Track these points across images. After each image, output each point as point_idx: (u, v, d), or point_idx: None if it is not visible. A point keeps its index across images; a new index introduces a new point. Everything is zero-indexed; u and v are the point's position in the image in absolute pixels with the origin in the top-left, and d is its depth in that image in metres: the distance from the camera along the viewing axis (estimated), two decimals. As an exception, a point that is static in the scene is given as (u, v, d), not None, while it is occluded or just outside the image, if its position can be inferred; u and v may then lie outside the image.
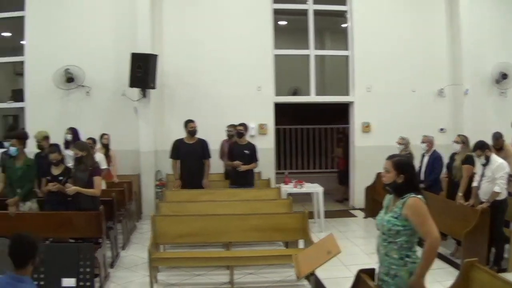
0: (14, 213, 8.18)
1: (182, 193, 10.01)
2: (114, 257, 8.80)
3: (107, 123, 12.31)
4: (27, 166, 8.42)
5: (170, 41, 12.62)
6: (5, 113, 15.38)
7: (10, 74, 15.16)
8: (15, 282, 3.79)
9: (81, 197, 7.94)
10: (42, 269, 5.61)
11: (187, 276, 7.86)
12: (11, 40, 14.65)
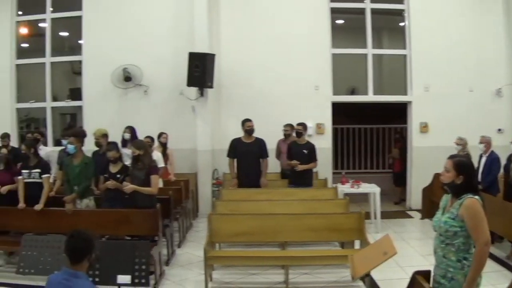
0: (71, 210, 8.41)
1: (239, 192, 10.10)
2: (169, 255, 8.92)
3: (164, 122, 12.51)
4: (85, 164, 8.61)
5: (227, 41, 12.69)
6: (63, 111, 15.74)
7: (68, 73, 15.42)
8: (71, 278, 3.85)
9: (138, 195, 8.06)
10: (97, 266, 5.65)
11: (242, 275, 7.91)
12: (69, 40, 14.98)
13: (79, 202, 8.65)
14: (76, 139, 8.67)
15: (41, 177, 8.64)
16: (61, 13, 13.57)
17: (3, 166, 8.97)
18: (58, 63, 14.06)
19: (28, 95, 14.38)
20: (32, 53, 14.42)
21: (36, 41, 14.57)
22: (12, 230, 9.04)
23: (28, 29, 14.32)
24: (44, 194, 8.52)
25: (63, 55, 14.24)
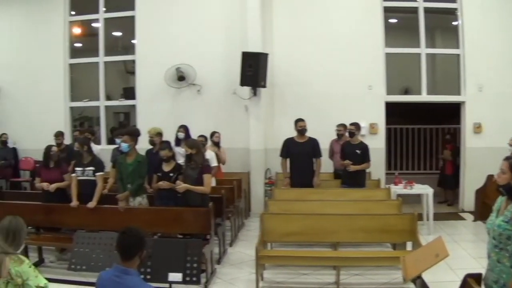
0: (123, 208, 8.60)
1: (291, 192, 10.18)
2: (221, 253, 9.05)
3: (217, 121, 12.62)
4: (138, 162, 8.78)
5: (280, 40, 12.75)
6: (117, 110, 16.10)
7: (121, 73, 15.76)
8: (122, 275, 3.94)
9: (191, 194, 8.17)
10: (149, 263, 5.77)
11: (293, 274, 7.97)
12: (122, 39, 15.31)
13: (132, 200, 8.83)
14: (130, 137, 8.86)
15: (94, 175, 8.82)
16: (114, 13, 13.88)
17: (53, 164, 9.15)
18: (111, 63, 14.40)
19: (82, 94, 14.75)
20: (85, 52, 14.81)
21: (89, 40, 14.91)
22: (64, 227, 9.28)
23: (81, 29, 14.67)
24: (97, 191, 8.75)
25: (116, 55, 14.59)
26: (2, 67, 14.76)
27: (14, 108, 14.71)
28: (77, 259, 6.24)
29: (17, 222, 4.56)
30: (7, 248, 4.38)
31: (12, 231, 4.46)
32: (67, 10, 14.17)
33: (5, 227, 4.48)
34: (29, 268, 4.38)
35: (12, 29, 14.76)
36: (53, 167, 9.16)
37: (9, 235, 4.45)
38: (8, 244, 4.41)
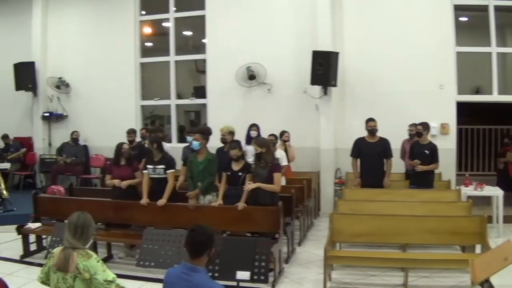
0: (193, 206, 8.79)
1: (361, 192, 10.16)
2: (289, 252, 9.11)
3: (288, 120, 12.73)
4: (209, 161, 8.95)
5: (350, 39, 12.77)
6: (187, 109, 16.50)
7: (192, 72, 16.08)
8: (190, 272, 4.04)
9: (261, 193, 8.32)
10: (217, 261, 5.92)
11: (360, 275, 7.99)
12: (192, 39, 15.66)
13: (202, 198, 9.02)
14: (201, 136, 9.05)
15: (165, 172, 9.09)
16: (184, 12, 14.22)
17: (125, 161, 9.49)
18: (182, 62, 14.77)
19: (153, 92, 15.14)
20: (156, 52, 15.23)
21: (159, 40, 15.33)
22: (134, 224, 9.59)
23: (151, 29, 15.09)
24: (168, 189, 9.00)
25: (187, 54, 14.94)
26: (73, 66, 15.45)
27: (85, 106, 15.37)
28: (145, 256, 6.48)
29: (85, 218, 4.64)
30: (75, 243, 4.50)
31: (80, 226, 4.54)
32: (138, 10, 14.63)
33: (73, 222, 4.57)
34: (97, 263, 4.49)
35: (84, 28, 15.42)
36: (124, 164, 9.49)
37: (77, 230, 4.53)
38: (76, 239, 4.52)
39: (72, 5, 15.73)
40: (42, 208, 10.15)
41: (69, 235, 4.50)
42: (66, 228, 4.55)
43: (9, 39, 16.60)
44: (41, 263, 4.71)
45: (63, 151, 14.81)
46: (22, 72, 15.38)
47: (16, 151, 15.63)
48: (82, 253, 4.47)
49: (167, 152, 9.65)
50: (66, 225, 4.58)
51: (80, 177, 14.63)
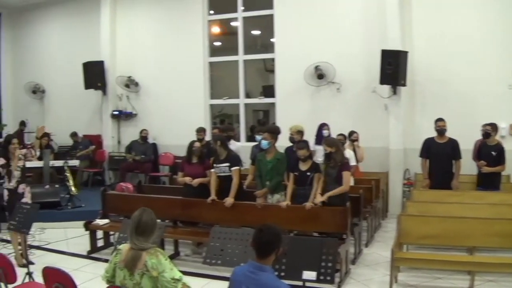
0: (261, 205, 8.99)
1: (430, 193, 10.10)
2: (356, 253, 9.16)
3: (356, 119, 12.80)
4: (277, 160, 9.14)
5: (419, 38, 12.66)
6: (256, 108, 16.75)
7: (261, 71, 16.29)
8: (257, 271, 4.12)
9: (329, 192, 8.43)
10: (284, 261, 5.84)
11: (427, 278, 7.99)
12: (261, 38, 15.86)
13: (270, 197, 9.19)
14: (270, 135, 9.27)
15: (230, 170, 9.29)
16: (253, 12, 14.39)
17: (196, 159, 9.75)
18: (250, 61, 14.91)
19: (221, 91, 15.37)
20: (225, 51, 15.46)
21: (228, 39, 15.55)
22: (202, 222, 9.83)
23: (220, 28, 15.34)
24: (233, 187, 9.20)
25: (256, 53, 15.13)
26: (143, 64, 15.88)
27: (154, 105, 15.79)
28: (212, 253, 6.42)
29: (148, 215, 4.74)
30: (142, 243, 4.60)
31: (144, 223, 4.64)
32: (206, 10, 14.90)
33: (137, 220, 4.67)
34: (165, 261, 4.58)
35: (152, 27, 15.84)
36: (196, 162, 9.75)
37: (144, 229, 4.64)
38: (144, 239, 4.62)
39: (140, 5, 16.15)
40: (110, 204, 10.58)
41: (135, 235, 4.62)
42: (131, 227, 4.69)
43: (78, 38, 17.26)
44: (108, 259, 4.93)
45: (132, 149, 15.24)
46: (91, 71, 15.89)
47: (85, 148, 16.14)
48: (151, 251, 4.60)
49: (232, 150, 9.85)
50: (130, 224, 4.73)
51: (149, 175, 15.02)
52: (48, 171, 13.44)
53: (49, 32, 18.38)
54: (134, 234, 4.61)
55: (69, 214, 12.43)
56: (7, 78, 19.70)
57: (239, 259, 6.06)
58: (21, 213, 8.11)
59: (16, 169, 9.48)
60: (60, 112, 17.95)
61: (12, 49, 19.65)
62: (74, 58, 16.78)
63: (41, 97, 18.55)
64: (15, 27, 19.50)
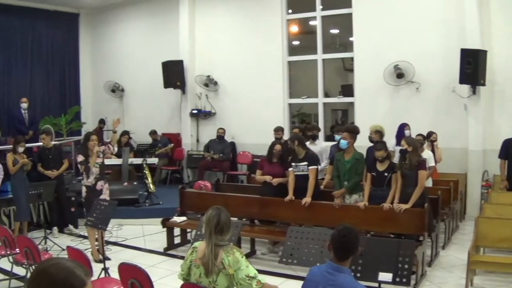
0: (338, 205, 9.06)
1: (508, 195, 10.02)
2: (432, 256, 9.07)
3: (435, 120, 12.72)
4: (356, 160, 9.25)
5: (498, 37, 12.44)
6: (335, 107, 16.82)
7: (340, 70, 16.31)
8: (334, 272, 4.15)
9: (409, 194, 8.46)
10: (360, 261, 5.85)
11: (503, 282, 7.88)
12: (339, 37, 15.88)
13: (348, 197, 9.31)
14: (349, 134, 9.38)
15: (308, 169, 9.38)
16: (331, 10, 14.41)
17: (277, 159, 9.88)
18: (329, 60, 14.94)
19: (300, 91, 15.46)
20: (303, 50, 15.55)
21: (306, 38, 15.65)
22: (278, 221, 9.99)
23: (298, 27, 15.43)
24: (309, 186, 9.29)
25: (334, 52, 15.17)
26: (222, 64, 16.11)
27: (232, 104, 16.03)
28: (288, 253, 6.43)
29: (222, 213, 4.80)
30: (219, 241, 4.68)
31: (224, 222, 4.72)
32: (285, 9, 15.01)
33: (212, 218, 4.74)
34: (241, 258, 4.67)
35: (231, 27, 16.09)
36: (276, 162, 9.88)
37: (219, 226, 4.70)
38: (221, 237, 4.70)
39: (219, 4, 16.40)
40: (188, 202, 10.85)
41: (210, 233, 4.71)
42: (207, 226, 4.77)
43: (157, 38, 17.62)
44: (184, 256, 5.10)
45: (211, 147, 15.46)
46: (170, 70, 16.22)
47: (164, 146, 16.43)
48: (227, 249, 4.70)
49: (310, 149, 9.96)
50: (205, 222, 4.81)
51: (227, 173, 15.22)
52: (126, 168, 13.89)
53: (128, 32, 18.93)
54: (213, 232, 4.70)
55: (147, 211, 12.80)
56: (86, 77, 20.36)
57: (315, 259, 6.06)
58: (99, 209, 8.44)
59: (95, 166, 9.81)
60: (139, 110, 18.44)
61: (91, 48, 20.33)
62: (153, 57, 17.20)
63: (120, 95, 19.09)
64: (93, 27, 20.18)
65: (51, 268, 2.32)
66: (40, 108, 18.62)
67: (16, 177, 11.10)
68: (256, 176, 10.34)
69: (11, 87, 18.16)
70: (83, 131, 17.27)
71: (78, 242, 10.98)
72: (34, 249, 7.29)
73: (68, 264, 2.37)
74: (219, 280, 4.65)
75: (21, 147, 11.18)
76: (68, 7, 19.42)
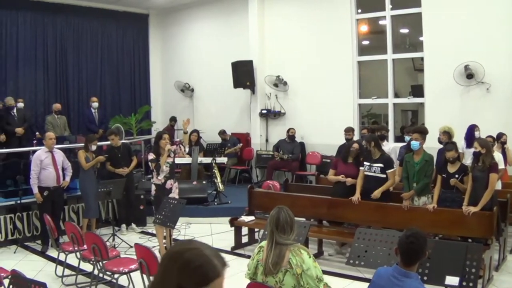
0: (407, 207, 9.05)
1: None
2: (500, 260, 8.99)
3: (505, 121, 12.47)
4: (425, 161, 9.23)
5: None
6: (404, 108, 16.74)
7: (409, 70, 16.25)
8: (401, 276, 4.18)
9: (480, 196, 8.43)
10: (427, 265, 5.87)
11: None
12: (409, 36, 15.81)
13: (417, 199, 9.29)
14: (420, 135, 9.36)
15: (381, 171, 9.44)
16: (400, 10, 14.33)
17: (352, 159, 10.04)
18: (399, 60, 14.85)
19: (370, 91, 15.44)
20: (373, 50, 15.55)
21: (376, 38, 15.64)
22: (346, 222, 10.10)
23: (368, 27, 15.44)
24: (386, 184, 9.42)
25: (404, 52, 15.11)
26: (291, 64, 16.25)
27: (302, 104, 16.10)
28: (356, 254, 6.50)
29: (287, 212, 4.85)
30: (284, 240, 4.73)
31: (284, 221, 4.76)
32: (354, 8, 15.02)
33: (276, 218, 4.80)
34: (309, 259, 4.69)
35: (300, 27, 16.14)
36: (351, 162, 10.03)
37: (285, 227, 4.76)
38: (286, 236, 4.76)
39: (287, 4, 16.52)
40: (256, 202, 11.04)
41: (276, 232, 4.78)
42: (270, 225, 4.85)
43: (227, 38, 17.95)
44: (251, 255, 5.15)
45: (280, 147, 15.56)
46: (240, 71, 16.41)
47: (233, 146, 16.66)
48: (294, 249, 4.72)
49: (385, 151, 9.97)
50: (269, 222, 4.90)
51: (296, 173, 15.30)
52: (196, 167, 14.15)
53: (197, 32, 19.27)
54: (275, 231, 4.78)
55: (215, 210, 13.07)
56: (155, 77, 20.86)
57: (383, 261, 6.08)
58: (167, 208, 8.73)
59: (165, 164, 10.07)
60: (208, 110, 18.77)
61: (161, 49, 20.84)
62: (222, 57, 17.55)
63: (190, 95, 19.45)
64: (163, 27, 20.67)
65: (188, 253, 2.32)
66: (111, 108, 19.25)
67: (85, 174, 11.53)
68: (329, 176, 10.46)
69: (82, 87, 18.81)
70: (153, 130, 17.88)
71: (146, 240, 11.34)
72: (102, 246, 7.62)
73: (207, 251, 2.36)
74: (286, 280, 4.68)
75: (94, 145, 11.62)
76: (138, 8, 19.95)
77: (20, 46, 17.31)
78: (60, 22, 18.17)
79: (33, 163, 10.78)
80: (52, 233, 9.22)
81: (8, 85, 16.98)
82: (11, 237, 11.32)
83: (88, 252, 8.17)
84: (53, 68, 18.07)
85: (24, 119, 15.01)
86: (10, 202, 11.54)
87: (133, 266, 7.51)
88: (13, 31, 17.18)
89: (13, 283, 5.20)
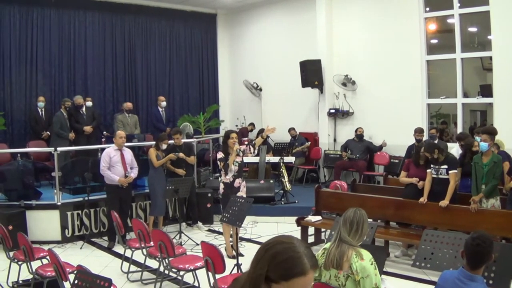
0: (475, 209, 8.95)
1: None
2: None
3: None
4: (494, 163, 9.12)
5: None
6: (473, 108, 16.58)
7: (478, 69, 16.09)
8: (467, 280, 4.23)
9: None
10: (493, 268, 5.68)
11: None
12: (478, 35, 15.69)
13: (485, 201, 9.20)
14: (489, 136, 9.25)
15: (447, 172, 9.49)
16: (469, 8, 14.21)
17: (423, 162, 10.07)
18: (468, 59, 14.73)
19: (438, 90, 15.37)
20: (441, 49, 15.46)
21: (444, 36, 15.57)
22: (414, 223, 10.15)
23: (436, 25, 15.37)
24: (449, 189, 9.34)
25: (473, 51, 14.98)
26: (359, 63, 16.29)
27: (370, 104, 16.09)
28: (422, 256, 6.46)
29: (361, 214, 4.92)
30: (350, 240, 4.81)
31: (356, 222, 4.86)
32: (422, 7, 14.94)
33: (349, 218, 4.89)
34: (370, 265, 4.69)
35: (368, 26, 16.19)
36: (423, 165, 10.07)
37: (353, 226, 4.85)
38: (352, 236, 4.83)
39: (355, 3, 16.53)
40: (323, 202, 11.14)
41: (344, 231, 4.88)
42: (341, 224, 4.95)
43: (294, 37, 18.13)
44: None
45: (348, 147, 15.65)
46: (308, 70, 16.51)
47: (301, 145, 16.84)
48: (357, 253, 4.74)
49: (450, 153, 10.00)
50: (341, 220, 4.99)
51: (363, 174, 15.34)
52: (263, 166, 14.45)
53: (265, 32, 19.51)
54: (345, 231, 4.88)
55: (282, 209, 13.24)
56: (224, 76, 21.23)
57: (449, 264, 6.06)
58: (235, 206, 8.90)
59: (233, 163, 10.30)
60: (276, 109, 18.97)
61: (229, 48, 21.19)
62: (290, 56, 17.71)
63: (258, 94, 19.68)
64: (230, 27, 21.02)
65: (280, 246, 2.44)
66: (179, 107, 19.72)
67: (155, 172, 11.90)
68: (401, 178, 10.57)
69: (150, 86, 19.29)
70: (221, 129, 18.23)
71: (213, 238, 11.65)
72: (168, 243, 7.90)
73: (300, 249, 2.45)
74: (347, 285, 4.75)
75: (164, 144, 12.00)
76: (205, 7, 20.33)
77: (88, 46, 17.84)
78: (128, 22, 18.69)
79: (102, 159, 11.21)
80: (119, 230, 9.60)
81: (77, 84, 17.56)
82: (78, 233, 11.81)
83: (154, 249, 8.50)
84: (121, 67, 18.61)
85: (93, 118, 15.52)
86: (78, 198, 12.05)
87: (199, 263, 7.76)
88: (82, 32, 17.71)
89: (79, 278, 5.42)
